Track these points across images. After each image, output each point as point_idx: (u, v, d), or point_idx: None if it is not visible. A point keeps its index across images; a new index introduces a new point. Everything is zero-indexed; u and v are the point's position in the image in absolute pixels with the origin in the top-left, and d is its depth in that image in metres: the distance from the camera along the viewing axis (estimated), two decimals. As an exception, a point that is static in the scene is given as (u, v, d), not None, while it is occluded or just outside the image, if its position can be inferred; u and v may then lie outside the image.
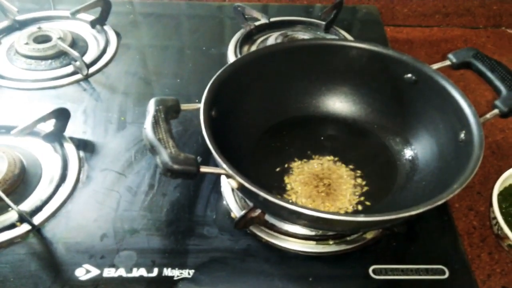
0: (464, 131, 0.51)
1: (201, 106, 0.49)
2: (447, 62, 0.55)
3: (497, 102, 0.53)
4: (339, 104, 0.66)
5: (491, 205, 0.60)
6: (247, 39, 0.85)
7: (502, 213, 0.59)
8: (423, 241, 0.57)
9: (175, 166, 0.42)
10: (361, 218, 0.41)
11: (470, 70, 0.59)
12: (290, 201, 0.55)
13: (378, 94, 0.64)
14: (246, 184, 0.43)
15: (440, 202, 0.43)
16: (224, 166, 0.44)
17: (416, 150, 0.61)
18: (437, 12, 1.02)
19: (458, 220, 0.63)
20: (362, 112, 0.66)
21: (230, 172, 0.43)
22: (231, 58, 0.81)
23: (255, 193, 0.43)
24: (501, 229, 0.57)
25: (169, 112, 0.47)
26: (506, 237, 0.56)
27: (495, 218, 0.58)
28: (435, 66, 0.56)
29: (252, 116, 0.62)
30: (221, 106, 0.54)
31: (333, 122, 0.67)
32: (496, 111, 0.53)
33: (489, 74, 0.55)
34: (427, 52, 0.95)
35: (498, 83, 0.54)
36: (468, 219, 0.64)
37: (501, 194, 0.62)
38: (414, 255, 0.55)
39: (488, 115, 0.52)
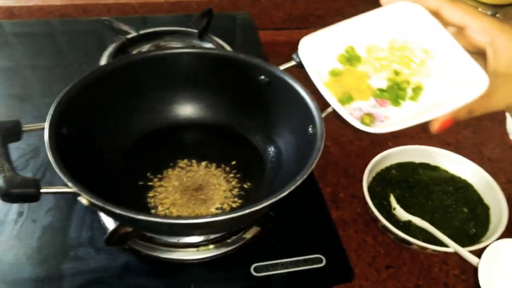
0: (311, 125, 0.54)
1: (45, 125, 0.47)
2: (293, 62, 0.58)
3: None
4: (199, 110, 0.67)
5: (366, 191, 0.63)
6: (120, 52, 0.84)
7: (376, 197, 0.64)
8: (301, 233, 0.59)
9: (13, 190, 0.40)
10: (204, 219, 0.43)
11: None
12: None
13: (238, 97, 0.65)
14: (93, 200, 0.42)
15: (283, 194, 0.45)
16: (69, 183, 0.43)
17: (280, 147, 0.63)
18: (310, 14, 1.08)
19: (344, 208, 0.66)
20: (225, 115, 0.67)
21: (75, 189, 0.42)
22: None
23: (105, 208, 0.43)
24: (373, 212, 0.61)
25: (7, 135, 0.45)
26: (378, 219, 0.60)
27: (366, 203, 0.62)
28: (283, 66, 0.59)
29: (113, 131, 0.61)
30: (74, 123, 0.52)
31: (198, 128, 0.67)
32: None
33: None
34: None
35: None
36: (352, 206, 0.67)
37: (374, 180, 0.67)
38: (293, 248, 0.57)
39: (329, 109, 0.55)
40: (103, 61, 0.81)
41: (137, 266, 0.55)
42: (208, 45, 0.87)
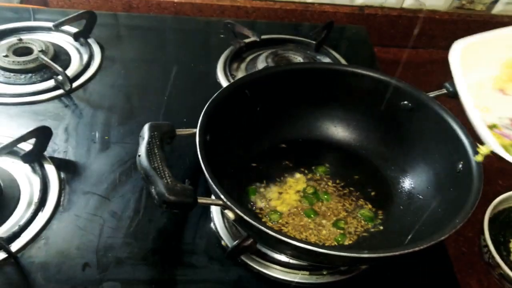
0: (461, 162, 0.50)
1: (197, 131, 0.46)
2: (444, 91, 0.54)
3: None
4: (333, 128, 0.65)
5: (482, 232, 0.60)
6: (237, 56, 0.83)
7: (491, 241, 0.59)
8: (417, 269, 0.56)
9: (172, 198, 0.39)
10: (366, 255, 0.40)
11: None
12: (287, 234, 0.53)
13: (373, 120, 0.63)
14: (245, 217, 0.41)
15: (443, 238, 0.42)
16: (222, 197, 0.41)
17: (413, 179, 0.60)
18: (423, 34, 1.03)
19: (447, 246, 0.61)
20: (356, 138, 0.64)
21: (228, 204, 0.41)
22: (220, 75, 0.79)
23: (253, 226, 0.41)
24: (493, 257, 0.57)
25: (164, 138, 0.45)
26: (497, 265, 0.56)
27: (486, 246, 0.58)
28: (432, 94, 0.55)
29: (245, 139, 0.60)
30: (215, 130, 0.52)
31: (327, 147, 0.65)
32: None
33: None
34: (414, 73, 0.96)
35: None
36: (457, 245, 0.63)
37: (489, 221, 0.62)
38: (408, 284, 0.54)
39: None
40: (220, 64, 0.80)
41: (250, 282, 0.53)
42: (325, 57, 0.84)
